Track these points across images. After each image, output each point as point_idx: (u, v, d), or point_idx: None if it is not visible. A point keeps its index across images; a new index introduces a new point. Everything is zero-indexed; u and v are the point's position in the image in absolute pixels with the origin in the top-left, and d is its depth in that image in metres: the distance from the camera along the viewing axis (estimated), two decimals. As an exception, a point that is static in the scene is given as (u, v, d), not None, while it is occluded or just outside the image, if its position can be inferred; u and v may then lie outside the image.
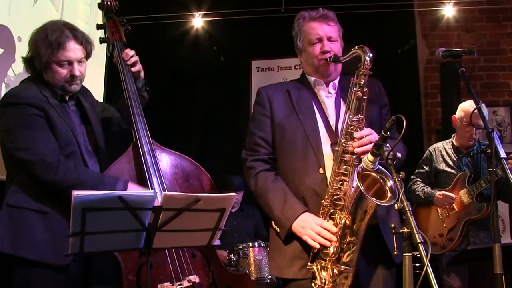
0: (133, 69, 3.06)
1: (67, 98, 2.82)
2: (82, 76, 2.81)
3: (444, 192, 4.07)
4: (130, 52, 3.07)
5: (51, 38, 2.66)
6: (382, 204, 2.26)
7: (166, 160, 3.01)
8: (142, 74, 3.14)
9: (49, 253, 2.56)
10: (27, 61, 2.77)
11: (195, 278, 2.82)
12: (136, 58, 3.08)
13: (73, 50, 2.71)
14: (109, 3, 3.23)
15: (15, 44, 3.73)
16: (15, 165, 2.68)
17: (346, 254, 2.35)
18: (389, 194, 2.27)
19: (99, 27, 3.29)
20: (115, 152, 2.99)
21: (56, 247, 2.55)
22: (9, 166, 2.75)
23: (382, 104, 2.74)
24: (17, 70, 3.51)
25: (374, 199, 2.26)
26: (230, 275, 3.23)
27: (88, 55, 2.83)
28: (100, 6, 3.27)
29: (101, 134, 2.97)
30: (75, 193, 2.04)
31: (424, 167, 4.35)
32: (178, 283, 2.77)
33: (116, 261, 2.73)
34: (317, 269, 2.39)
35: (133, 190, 2.68)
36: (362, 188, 2.23)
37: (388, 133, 2.12)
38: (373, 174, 2.31)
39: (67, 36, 2.70)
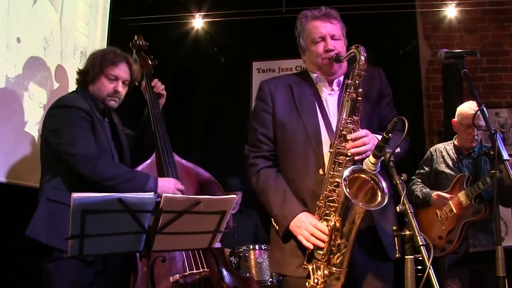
0: (160, 101, 3.60)
1: (105, 113, 3.18)
2: (122, 96, 3.20)
3: (439, 192, 4.06)
4: (159, 83, 3.60)
5: (107, 56, 3.14)
6: (370, 209, 2.28)
7: (182, 169, 3.35)
8: (161, 102, 3.64)
9: None
10: (82, 72, 3.19)
11: (206, 273, 2.98)
12: (163, 89, 3.64)
13: (122, 70, 3.16)
14: (140, 43, 3.77)
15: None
16: (58, 162, 2.93)
17: (336, 256, 2.36)
18: (379, 195, 2.27)
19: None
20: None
21: None
22: (49, 165, 3.01)
23: (383, 95, 2.72)
24: (6, 68, 3.56)
25: (362, 204, 2.27)
26: (237, 276, 3.29)
27: (132, 81, 3.28)
28: (132, 45, 3.76)
29: (128, 150, 3.31)
30: (74, 195, 2.03)
31: (425, 167, 4.34)
32: (190, 272, 2.96)
33: (132, 253, 2.89)
34: (312, 269, 2.40)
35: (162, 184, 3.03)
36: (348, 194, 2.23)
37: (390, 134, 2.11)
38: (363, 175, 2.31)
39: (121, 58, 3.18)
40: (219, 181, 3.48)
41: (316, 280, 2.37)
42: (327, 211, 2.40)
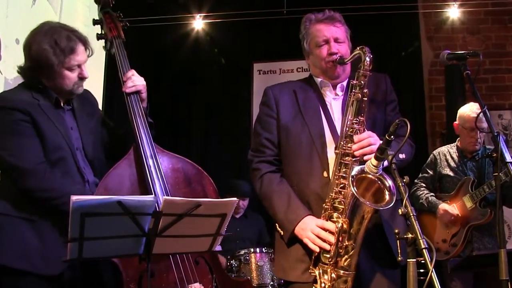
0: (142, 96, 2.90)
1: (62, 103, 2.75)
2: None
3: (446, 208, 4.03)
4: (129, 81, 2.87)
5: (62, 45, 2.60)
6: (378, 208, 2.27)
7: (168, 164, 2.92)
8: (144, 104, 2.93)
9: (39, 263, 2.51)
10: (29, 69, 2.67)
11: (199, 286, 2.79)
12: (136, 88, 2.87)
13: (82, 53, 2.69)
14: None
15: (0, 41, 3.66)
16: (3, 171, 2.65)
17: (343, 259, 2.35)
18: (387, 195, 2.26)
19: (95, 22, 3.16)
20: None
21: (47, 256, 2.50)
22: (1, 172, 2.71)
23: (389, 100, 2.73)
24: (4, 69, 3.49)
25: (369, 203, 2.26)
26: (232, 281, 3.21)
27: (89, 54, 2.78)
28: (96, 0, 3.15)
29: (95, 143, 2.86)
30: (74, 197, 2.01)
31: (428, 171, 4.31)
32: None
33: (116, 268, 2.66)
34: (319, 273, 2.39)
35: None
36: (356, 193, 2.22)
37: (392, 137, 2.11)
38: (370, 176, 2.29)
39: (75, 40, 2.66)
40: (226, 184, 3.34)
41: (323, 285, 2.36)
42: (334, 213, 2.39)
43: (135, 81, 2.86)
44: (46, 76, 2.65)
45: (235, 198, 2.36)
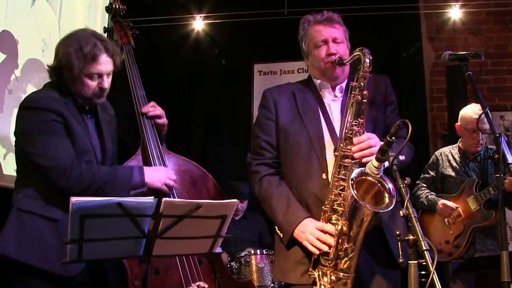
0: (157, 121, 3.00)
1: (87, 108, 2.79)
2: (108, 88, 2.77)
3: (445, 202, 4.02)
4: (151, 107, 2.99)
5: (85, 51, 2.62)
6: (378, 210, 2.26)
7: (174, 165, 2.98)
8: (165, 128, 3.05)
9: (56, 262, 2.48)
10: (54, 69, 2.73)
11: (204, 284, 2.81)
12: (158, 112, 3.00)
13: (105, 63, 2.68)
14: (117, 6, 3.26)
15: (17, 49, 3.70)
16: (28, 167, 2.65)
17: (343, 261, 2.34)
18: (387, 198, 2.25)
19: (106, 30, 3.31)
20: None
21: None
22: (22, 169, 2.72)
23: (388, 102, 2.72)
24: (18, 75, 3.48)
25: (369, 206, 2.25)
26: (236, 282, 3.21)
27: (116, 67, 2.79)
28: (107, 9, 3.30)
29: (114, 150, 2.91)
30: (73, 199, 2.01)
31: (430, 172, 4.30)
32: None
33: (122, 266, 2.71)
34: (319, 275, 2.38)
35: (150, 174, 2.71)
36: (356, 195, 2.21)
37: (393, 138, 2.10)
38: (370, 178, 2.28)
39: (100, 49, 2.66)
40: (225, 186, 3.34)
41: (322, 287, 2.35)
42: (333, 215, 2.38)
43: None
44: (68, 79, 2.68)
45: (235, 200, 2.35)
